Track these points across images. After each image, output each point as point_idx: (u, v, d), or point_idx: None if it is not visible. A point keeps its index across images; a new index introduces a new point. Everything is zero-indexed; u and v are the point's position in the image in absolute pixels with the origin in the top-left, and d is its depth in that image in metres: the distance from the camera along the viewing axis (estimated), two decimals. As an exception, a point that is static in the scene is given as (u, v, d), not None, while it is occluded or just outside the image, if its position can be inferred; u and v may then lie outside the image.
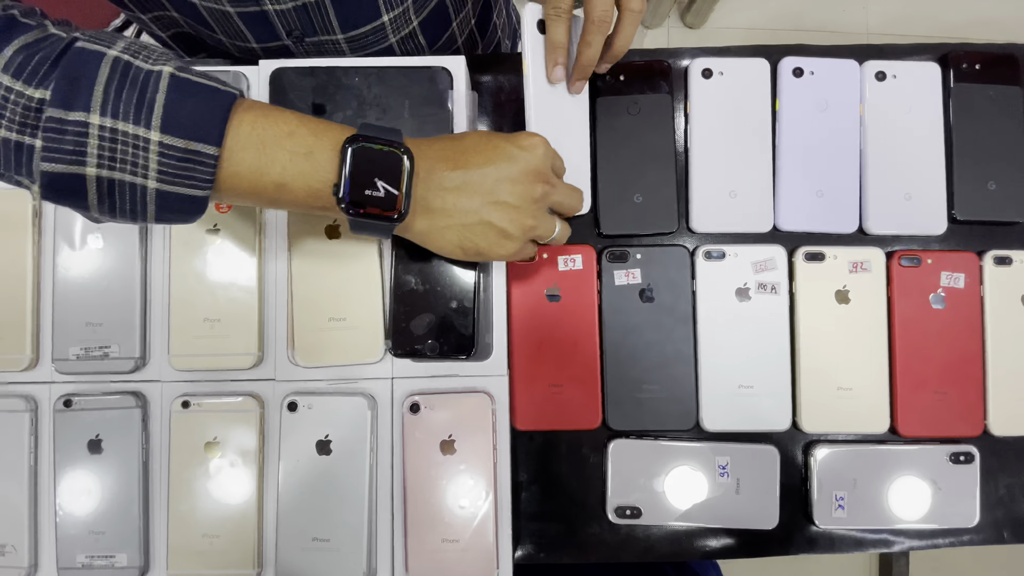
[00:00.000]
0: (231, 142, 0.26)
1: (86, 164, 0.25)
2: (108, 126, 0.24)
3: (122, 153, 0.25)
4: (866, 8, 1.40)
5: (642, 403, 0.43)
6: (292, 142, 0.27)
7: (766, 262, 0.43)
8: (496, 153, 0.31)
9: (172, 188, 0.26)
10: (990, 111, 0.44)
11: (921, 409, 0.43)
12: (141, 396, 0.40)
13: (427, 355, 0.37)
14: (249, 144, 0.27)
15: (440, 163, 0.31)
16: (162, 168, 0.25)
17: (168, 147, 0.25)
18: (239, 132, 0.26)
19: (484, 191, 0.31)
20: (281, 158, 0.27)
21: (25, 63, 0.24)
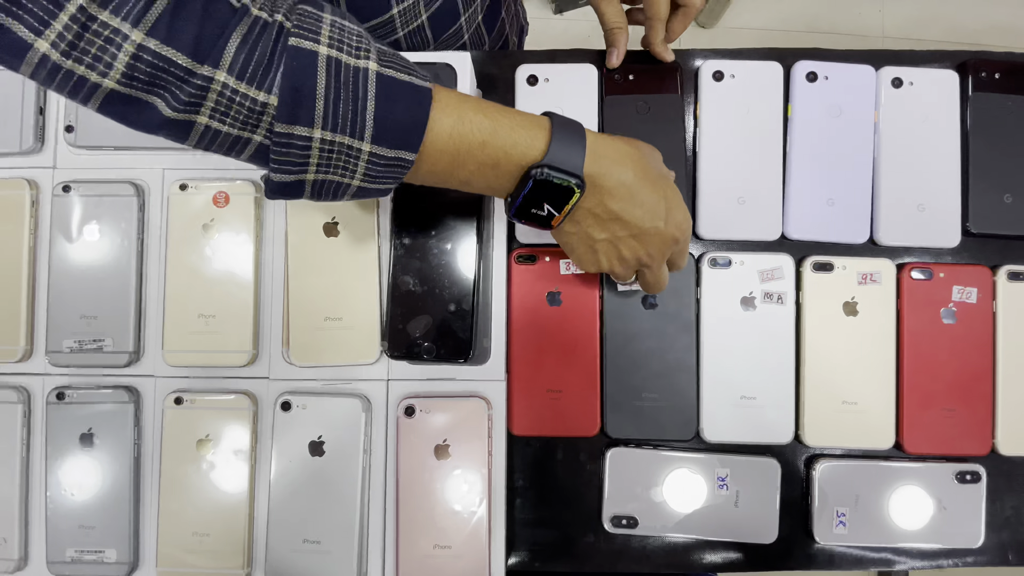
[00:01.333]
0: (429, 147, 0.28)
1: (307, 172, 0.27)
2: (328, 139, 0.26)
3: (336, 160, 0.27)
4: (882, 11, 1.38)
5: (642, 411, 0.42)
6: (484, 153, 0.29)
7: (773, 271, 0.42)
8: (661, 207, 0.33)
9: (371, 185, 0.28)
10: (1008, 121, 0.43)
11: (928, 426, 0.42)
12: (134, 391, 0.39)
13: (423, 358, 0.36)
14: (445, 151, 0.28)
15: (608, 193, 0.31)
16: (368, 172, 0.27)
17: (376, 156, 0.27)
18: (437, 139, 0.28)
19: (632, 230, 0.32)
20: (470, 166, 0.29)
21: (247, 63, 0.24)
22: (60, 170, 0.41)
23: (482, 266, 0.38)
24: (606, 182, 0.31)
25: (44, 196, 0.40)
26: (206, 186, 0.39)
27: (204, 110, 0.24)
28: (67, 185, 0.40)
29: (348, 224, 0.38)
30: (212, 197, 0.39)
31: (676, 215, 0.33)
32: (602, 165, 0.31)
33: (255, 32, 0.25)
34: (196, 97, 0.24)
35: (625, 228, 0.32)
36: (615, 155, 0.31)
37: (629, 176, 0.31)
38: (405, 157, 0.27)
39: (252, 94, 0.24)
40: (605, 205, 0.31)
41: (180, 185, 0.39)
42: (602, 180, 0.31)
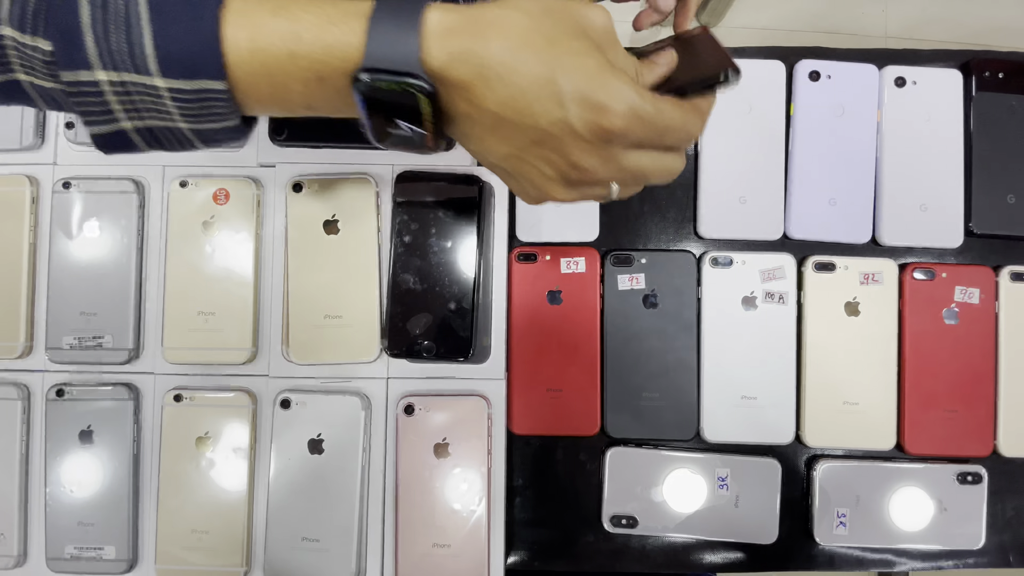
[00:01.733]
0: (236, 72, 0.23)
1: (119, 120, 0.23)
2: (116, 80, 0.23)
3: (141, 103, 0.23)
4: (885, 11, 1.37)
5: (642, 411, 0.42)
6: (298, 67, 0.23)
7: (774, 271, 0.42)
8: (549, 86, 0.22)
9: (203, 125, 0.24)
10: (1012, 121, 0.43)
11: (929, 427, 0.41)
12: (133, 388, 0.39)
13: (423, 356, 0.36)
14: (257, 73, 0.23)
15: (473, 87, 0.22)
16: (184, 111, 0.23)
17: (177, 91, 0.23)
18: (240, 60, 0.23)
19: (530, 134, 0.23)
20: (295, 86, 0.23)
21: (23, 10, 0.22)
22: (60, 167, 0.41)
23: (482, 264, 0.38)
24: (462, 70, 0.21)
25: (44, 193, 0.40)
26: (206, 183, 0.39)
27: (15, 67, 0.22)
28: (67, 182, 0.40)
29: (348, 222, 0.38)
30: (212, 194, 0.39)
31: (584, 86, 0.21)
32: (453, 46, 0.21)
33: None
34: (3, 56, 0.22)
35: (520, 133, 0.23)
36: (473, 27, 0.22)
37: (496, 51, 0.21)
38: (213, 87, 0.22)
39: (35, 43, 0.22)
40: (478, 104, 0.22)
41: (180, 182, 0.39)
42: (457, 69, 0.21)
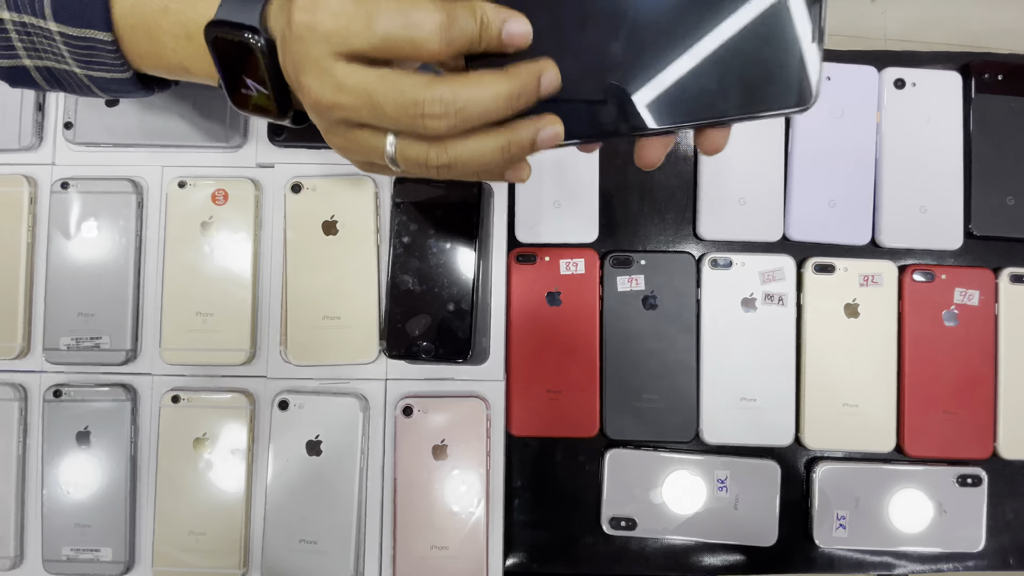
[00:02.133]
0: (120, 24, 0.24)
1: (20, 57, 0.25)
2: (17, 20, 0.24)
3: (39, 44, 0.24)
4: (885, 13, 1.37)
5: (641, 412, 0.42)
6: (170, 21, 0.23)
7: (774, 272, 0.42)
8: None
9: (95, 73, 0.25)
10: (1011, 123, 0.43)
11: (929, 429, 0.41)
12: (131, 389, 0.39)
13: (422, 357, 0.36)
14: (137, 26, 0.24)
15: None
16: (75, 56, 0.24)
17: (68, 36, 0.24)
18: (123, 13, 0.23)
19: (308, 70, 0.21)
20: (168, 42, 0.24)
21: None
22: (59, 167, 0.41)
23: (481, 265, 0.38)
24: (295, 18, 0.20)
25: (42, 193, 0.40)
26: (205, 183, 0.39)
27: None
28: (65, 182, 0.39)
29: (348, 222, 0.38)
30: (211, 195, 0.39)
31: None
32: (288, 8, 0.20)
33: None
34: None
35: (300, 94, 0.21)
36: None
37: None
38: (98, 37, 0.23)
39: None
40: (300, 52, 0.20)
41: (179, 182, 0.39)
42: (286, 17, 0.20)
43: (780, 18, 0.21)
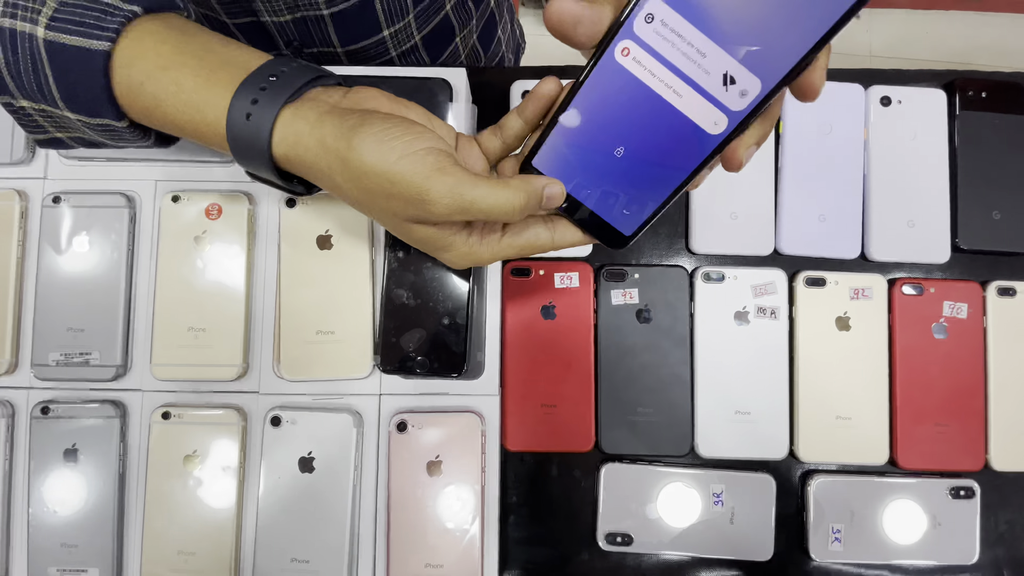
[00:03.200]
0: (131, 112, 0.25)
1: (51, 132, 0.27)
2: (36, 107, 0.25)
3: (64, 123, 0.26)
4: (869, 30, 1.40)
5: (636, 426, 0.42)
6: (173, 122, 0.25)
7: (766, 286, 0.42)
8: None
9: (120, 144, 0.28)
10: (996, 140, 0.44)
11: (921, 441, 0.42)
12: (121, 405, 0.39)
13: (416, 372, 0.36)
14: (147, 117, 0.25)
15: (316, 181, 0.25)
16: (98, 132, 0.26)
17: (86, 122, 0.25)
18: (130, 106, 0.25)
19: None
20: (185, 134, 0.26)
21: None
22: (51, 180, 0.40)
23: (476, 279, 0.38)
24: (304, 172, 0.25)
25: (33, 207, 0.40)
26: (199, 197, 0.39)
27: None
28: (57, 196, 0.39)
29: (342, 237, 0.38)
30: (204, 209, 0.39)
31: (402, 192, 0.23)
32: (293, 151, 0.24)
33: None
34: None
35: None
36: (312, 140, 0.24)
37: (341, 183, 0.24)
38: (113, 124, 0.25)
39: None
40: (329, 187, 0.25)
41: (172, 197, 0.39)
42: (298, 170, 0.25)
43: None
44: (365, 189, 0.23)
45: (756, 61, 0.21)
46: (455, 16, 0.45)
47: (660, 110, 0.23)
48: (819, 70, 0.22)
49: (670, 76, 0.22)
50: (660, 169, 0.24)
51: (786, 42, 0.21)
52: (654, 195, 0.25)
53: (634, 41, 0.22)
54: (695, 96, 0.22)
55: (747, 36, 0.21)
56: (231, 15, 0.38)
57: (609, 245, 0.27)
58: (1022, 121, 0.44)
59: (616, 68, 0.22)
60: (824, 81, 0.23)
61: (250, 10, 0.37)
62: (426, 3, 0.42)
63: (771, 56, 0.21)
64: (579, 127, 0.24)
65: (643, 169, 0.24)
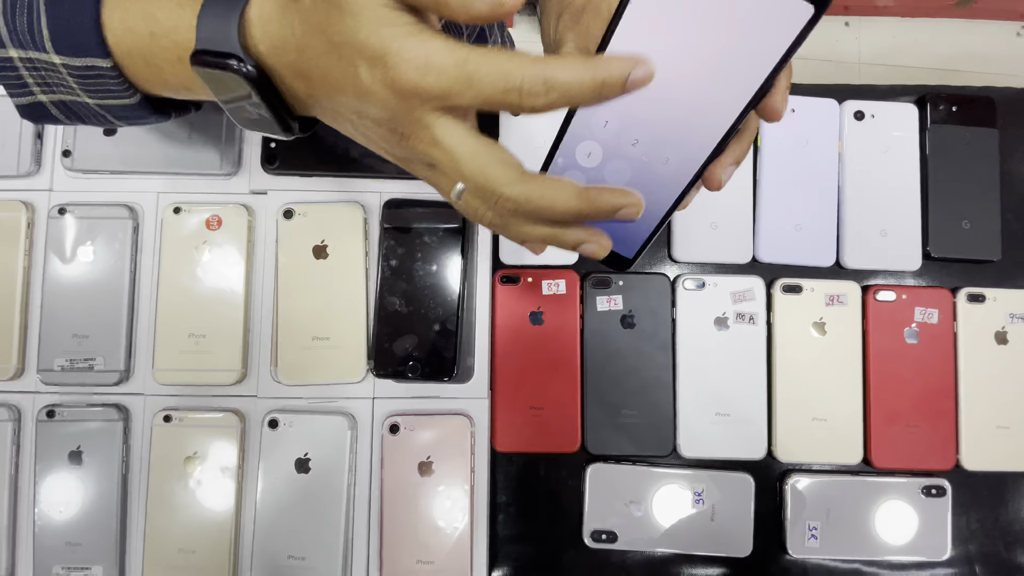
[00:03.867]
0: (117, 51, 0.24)
1: (35, 94, 0.26)
2: (24, 56, 0.25)
3: (49, 78, 0.25)
4: (858, 39, 1.43)
5: (621, 428, 0.43)
6: (160, 47, 0.24)
7: (745, 292, 0.44)
8: (344, 59, 0.20)
9: (105, 101, 0.26)
10: (966, 152, 0.46)
11: (894, 441, 0.43)
12: (123, 409, 0.40)
13: (408, 376, 0.38)
14: (132, 53, 0.24)
15: (292, 76, 0.22)
16: (83, 86, 0.25)
17: (71, 67, 0.25)
18: (117, 41, 0.24)
19: (347, 104, 0.22)
20: (166, 67, 0.24)
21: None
22: (56, 192, 0.42)
23: (466, 287, 0.40)
24: (280, 59, 0.22)
25: (40, 218, 0.41)
26: (200, 209, 0.40)
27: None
28: (63, 208, 0.41)
29: (337, 247, 0.40)
30: (205, 220, 0.40)
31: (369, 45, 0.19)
32: (271, 35, 0.21)
33: None
34: None
35: (346, 110, 0.22)
36: (284, 16, 0.21)
37: (295, 40, 0.21)
38: (99, 64, 0.24)
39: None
40: (307, 89, 0.22)
41: (174, 208, 0.41)
42: (275, 57, 0.22)
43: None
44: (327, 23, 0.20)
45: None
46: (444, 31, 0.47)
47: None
48: (780, 92, 0.23)
49: None
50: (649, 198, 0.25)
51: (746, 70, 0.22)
52: (647, 222, 0.26)
53: None
54: None
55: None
56: None
57: (613, 268, 0.28)
58: (991, 134, 0.46)
59: (596, 110, 0.23)
60: (786, 103, 0.24)
61: None
62: None
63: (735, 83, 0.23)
64: (567, 172, 0.25)
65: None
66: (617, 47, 0.22)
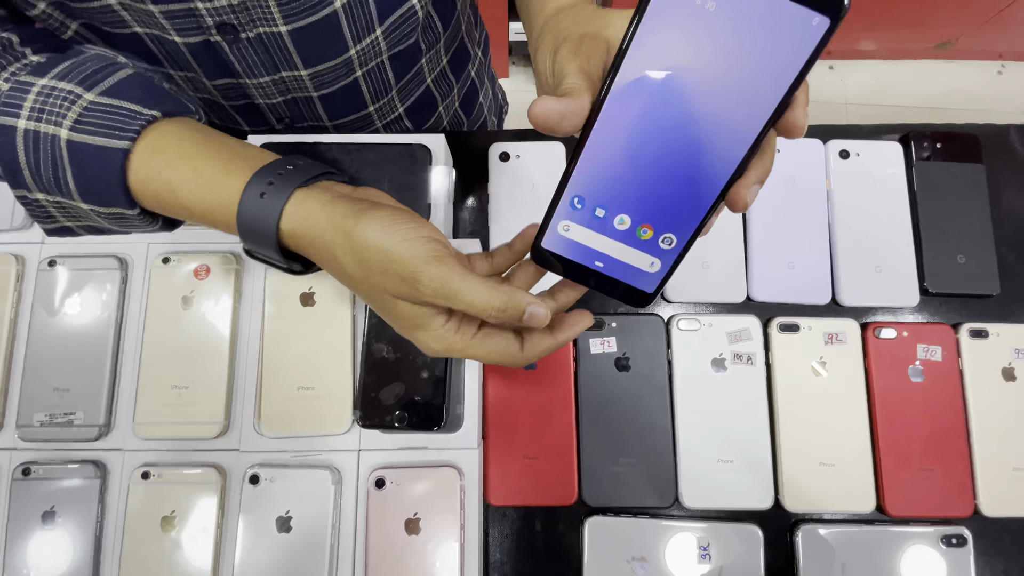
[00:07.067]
0: (144, 201, 0.27)
1: (60, 221, 0.29)
2: (51, 200, 0.28)
3: (75, 212, 0.28)
4: (843, 80, 1.48)
5: (619, 477, 0.41)
6: (186, 210, 0.27)
7: (741, 332, 0.43)
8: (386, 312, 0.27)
9: (129, 230, 0.29)
10: (953, 187, 0.46)
11: (908, 487, 0.41)
12: (101, 465, 0.39)
13: (395, 426, 0.36)
14: (159, 206, 0.28)
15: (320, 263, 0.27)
16: (108, 221, 0.28)
17: (98, 211, 0.28)
18: (144, 198, 0.27)
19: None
20: (196, 219, 0.28)
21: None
22: (48, 244, 0.42)
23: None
24: (311, 252, 0.27)
25: (30, 270, 0.41)
26: (188, 259, 0.40)
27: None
28: (53, 260, 0.41)
29: (325, 294, 0.39)
30: (193, 270, 0.40)
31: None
32: (301, 236, 0.26)
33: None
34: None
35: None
36: (316, 229, 0.26)
37: (344, 266, 0.26)
38: (126, 212, 0.27)
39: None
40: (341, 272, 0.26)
41: (163, 258, 0.40)
42: (306, 250, 0.27)
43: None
44: (363, 262, 0.25)
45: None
46: (436, 88, 0.49)
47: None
48: (800, 107, 0.23)
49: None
50: (671, 222, 0.24)
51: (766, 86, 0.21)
52: (670, 251, 0.25)
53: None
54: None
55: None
56: (228, 99, 0.41)
57: (632, 304, 0.27)
58: (978, 169, 0.46)
59: (610, 138, 0.23)
60: (807, 117, 0.23)
61: (245, 95, 0.40)
62: (408, 78, 0.45)
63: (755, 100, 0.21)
64: (581, 207, 0.24)
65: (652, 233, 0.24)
66: (627, 74, 0.21)
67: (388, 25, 0.38)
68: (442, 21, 0.43)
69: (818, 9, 0.19)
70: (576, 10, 0.27)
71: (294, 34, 0.34)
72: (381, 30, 0.38)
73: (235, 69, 0.37)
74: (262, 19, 0.33)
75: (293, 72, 0.38)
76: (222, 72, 0.37)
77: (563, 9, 0.28)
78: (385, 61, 0.41)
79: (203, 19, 0.32)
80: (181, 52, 0.35)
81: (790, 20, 0.20)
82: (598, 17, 0.25)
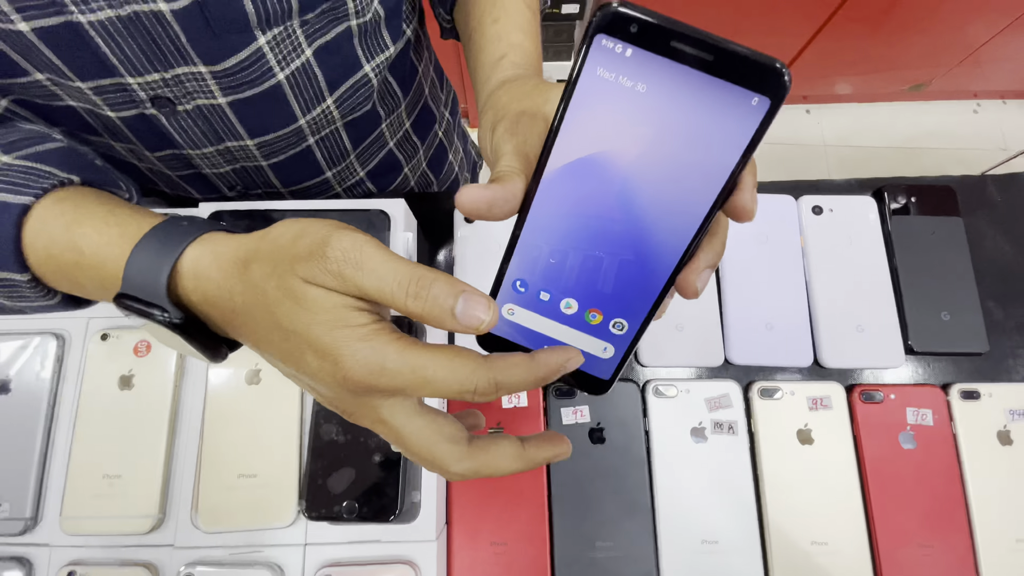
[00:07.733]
0: (37, 269, 0.25)
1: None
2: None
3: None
4: (820, 123, 1.51)
5: (597, 564, 0.38)
6: (84, 275, 0.24)
7: (720, 399, 0.41)
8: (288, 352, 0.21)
9: (19, 304, 0.26)
10: (933, 242, 0.45)
11: (908, 566, 0.38)
12: (26, 563, 0.35)
13: (344, 518, 0.33)
14: (55, 272, 0.25)
15: (226, 326, 0.23)
16: (3, 295, 0.25)
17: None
18: (39, 261, 0.24)
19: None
20: (88, 286, 0.25)
21: None
22: (-17, 320, 0.40)
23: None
24: (212, 313, 0.22)
25: (-39, 349, 0.39)
26: (128, 335, 0.38)
27: None
28: (-15, 337, 0.38)
29: (272, 371, 0.37)
30: (133, 347, 0.38)
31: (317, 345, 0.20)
32: (200, 293, 0.22)
33: None
34: None
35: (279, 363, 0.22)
36: (221, 281, 0.21)
37: (232, 301, 0.21)
38: (15, 278, 0.25)
39: None
40: (236, 335, 0.22)
41: (101, 335, 0.38)
42: (207, 313, 0.22)
43: None
44: (266, 259, 0.20)
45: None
46: (400, 151, 0.48)
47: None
48: (747, 190, 0.21)
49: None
50: (620, 310, 0.23)
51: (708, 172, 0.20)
52: (622, 338, 0.23)
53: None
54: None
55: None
56: (173, 169, 0.39)
57: (589, 392, 0.25)
58: (956, 222, 0.45)
59: (547, 222, 0.21)
60: (755, 201, 0.22)
61: (190, 165, 0.39)
62: (367, 143, 0.44)
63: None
64: (524, 290, 0.23)
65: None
66: (559, 157, 0.20)
67: (340, 94, 0.37)
68: (401, 87, 0.43)
69: (756, 90, 0.18)
70: (517, 84, 0.26)
71: (235, 105, 0.33)
72: (332, 99, 0.37)
73: (175, 141, 0.35)
74: (199, 91, 0.32)
75: (239, 142, 0.37)
76: (162, 143, 0.36)
77: (506, 82, 0.27)
78: (340, 129, 0.40)
79: (135, 93, 0.31)
80: (116, 125, 0.33)
81: (728, 101, 0.19)
82: (538, 93, 0.24)
